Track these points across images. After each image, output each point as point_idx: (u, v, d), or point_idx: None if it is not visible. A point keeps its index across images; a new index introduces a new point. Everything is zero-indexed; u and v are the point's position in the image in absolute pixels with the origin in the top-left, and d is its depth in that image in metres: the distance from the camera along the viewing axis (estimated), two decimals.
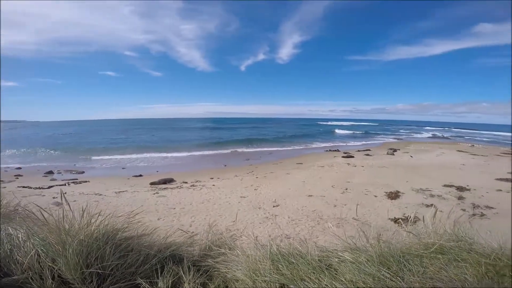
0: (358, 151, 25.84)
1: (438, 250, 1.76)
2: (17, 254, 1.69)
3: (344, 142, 36.78)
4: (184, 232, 2.31)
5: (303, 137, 43.63)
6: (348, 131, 60.04)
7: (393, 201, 9.63)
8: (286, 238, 6.36)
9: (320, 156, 22.90)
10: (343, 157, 21.00)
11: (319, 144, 34.22)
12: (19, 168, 17.46)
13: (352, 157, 21.09)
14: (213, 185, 12.27)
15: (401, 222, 7.27)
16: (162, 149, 26.97)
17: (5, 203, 2.49)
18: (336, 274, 1.63)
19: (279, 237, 6.46)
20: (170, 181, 13.43)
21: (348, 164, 17.56)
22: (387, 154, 23.17)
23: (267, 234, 6.66)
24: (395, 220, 7.61)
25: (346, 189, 11.15)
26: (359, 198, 9.93)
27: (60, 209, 1.95)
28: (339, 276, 1.59)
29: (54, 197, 9.32)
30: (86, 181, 13.69)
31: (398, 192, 10.56)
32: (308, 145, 32.54)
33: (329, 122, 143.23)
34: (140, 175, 15.42)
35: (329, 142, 37.01)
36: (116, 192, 10.76)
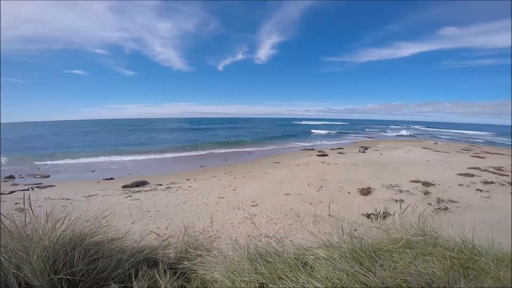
0: (332, 149, 26.69)
1: (406, 244, 1.83)
2: None
3: (319, 141, 37.93)
4: (158, 235, 2.25)
5: (280, 137, 44.18)
6: (322, 131, 61.73)
7: (365, 197, 10.07)
8: (265, 237, 6.41)
9: (297, 155, 23.33)
10: (318, 155, 21.58)
11: (296, 143, 34.89)
12: None
13: (327, 155, 21.75)
14: (190, 186, 12.04)
15: (373, 217, 7.65)
16: (134, 151, 25.97)
17: None
18: (312, 271, 1.66)
19: (258, 236, 6.50)
20: (143, 183, 12.97)
21: (323, 162, 18.08)
22: (359, 152, 24.17)
23: (246, 234, 6.68)
24: (367, 216, 7.98)
25: (322, 187, 11.48)
26: (333, 195, 10.26)
27: (23, 215, 1.86)
28: (315, 273, 1.62)
29: (16, 203, 8.62)
30: (51, 186, 12.82)
31: (370, 188, 11.06)
32: (285, 145, 33.03)
33: (304, 122, 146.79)
34: (111, 178, 14.72)
35: (305, 141, 37.89)
36: (85, 196, 10.19)
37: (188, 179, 13.83)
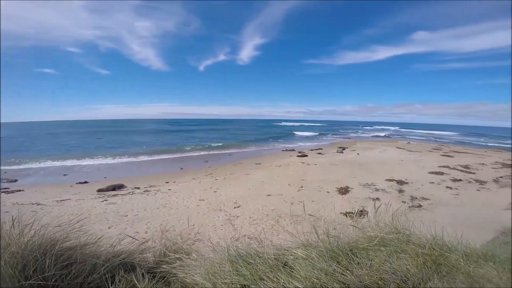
0: (311, 150, 27.27)
1: (380, 242, 1.89)
2: None
3: (299, 142, 38.66)
4: (134, 239, 2.19)
5: (262, 138, 44.47)
6: (302, 132, 62.85)
7: (343, 196, 10.38)
8: (248, 238, 6.41)
9: (278, 156, 23.56)
10: (298, 156, 21.94)
11: (277, 144, 35.34)
12: None
13: (306, 156, 22.16)
14: (169, 189, 11.78)
15: (350, 216, 7.90)
16: (109, 154, 25.03)
17: None
18: (292, 271, 1.68)
19: (240, 238, 6.49)
20: (120, 187, 12.50)
21: (303, 163, 18.40)
22: (337, 152, 24.87)
23: (229, 236, 6.64)
24: (346, 214, 8.22)
25: (302, 187, 11.67)
26: (313, 195, 10.48)
27: None
28: (295, 273, 1.64)
29: None
30: (19, 190, 12.03)
31: (348, 187, 11.42)
32: (266, 146, 33.29)
33: (284, 123, 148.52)
34: (86, 182, 14.07)
35: (286, 142, 38.51)
36: (57, 201, 9.66)
37: (167, 182, 13.53)
